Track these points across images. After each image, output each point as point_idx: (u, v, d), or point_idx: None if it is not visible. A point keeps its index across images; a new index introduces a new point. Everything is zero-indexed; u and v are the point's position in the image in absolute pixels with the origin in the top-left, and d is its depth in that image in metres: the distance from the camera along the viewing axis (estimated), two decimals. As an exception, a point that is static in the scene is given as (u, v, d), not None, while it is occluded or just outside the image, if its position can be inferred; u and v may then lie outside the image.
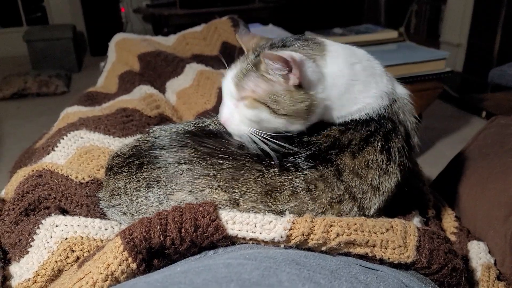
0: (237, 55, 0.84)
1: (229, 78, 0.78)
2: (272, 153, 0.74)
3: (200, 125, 0.83)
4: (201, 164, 0.75)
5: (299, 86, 0.73)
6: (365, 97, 0.79)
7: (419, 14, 4.30)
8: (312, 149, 0.76)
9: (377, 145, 0.77)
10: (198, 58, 1.71)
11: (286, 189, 0.73)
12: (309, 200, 0.73)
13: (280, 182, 0.73)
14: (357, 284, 0.58)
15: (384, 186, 0.77)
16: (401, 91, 0.85)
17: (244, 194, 0.73)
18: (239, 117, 0.77)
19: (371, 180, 0.76)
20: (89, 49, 4.93)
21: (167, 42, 1.91)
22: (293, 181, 0.73)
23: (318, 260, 0.62)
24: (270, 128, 0.76)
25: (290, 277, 0.53)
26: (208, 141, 0.78)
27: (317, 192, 0.74)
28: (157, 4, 4.45)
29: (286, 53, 0.70)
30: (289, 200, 0.73)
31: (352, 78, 0.78)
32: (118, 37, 1.85)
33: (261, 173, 0.74)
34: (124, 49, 1.75)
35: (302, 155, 0.75)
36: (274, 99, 0.73)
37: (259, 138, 0.75)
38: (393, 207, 0.82)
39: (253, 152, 0.76)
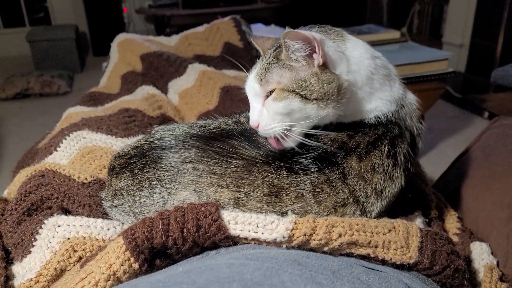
0: (255, 59, 0.83)
1: (251, 78, 0.77)
2: (311, 142, 0.74)
3: (207, 127, 0.83)
4: (208, 162, 0.75)
5: (324, 67, 0.73)
6: (378, 98, 0.79)
7: (422, 14, 4.29)
8: (319, 151, 0.76)
9: (384, 150, 0.77)
10: (200, 59, 1.72)
11: (292, 190, 0.73)
12: (314, 203, 0.73)
13: (287, 184, 0.73)
14: (359, 284, 0.58)
15: (387, 191, 0.77)
16: (410, 96, 0.85)
17: (249, 193, 0.73)
18: (268, 114, 0.75)
19: (376, 184, 0.76)
20: (92, 49, 4.94)
21: (170, 43, 1.91)
22: (300, 184, 0.73)
23: (320, 261, 0.62)
24: (302, 119, 0.74)
25: (292, 278, 0.53)
26: (215, 142, 0.77)
27: (322, 195, 0.74)
28: (160, 4, 4.45)
29: (307, 32, 0.70)
30: (295, 202, 0.73)
31: (372, 71, 0.77)
32: (120, 37, 1.85)
33: (269, 174, 0.74)
34: (126, 49, 1.76)
35: (309, 155, 0.75)
36: (302, 84, 0.72)
37: (291, 134, 0.74)
38: (395, 208, 0.82)
39: (262, 153, 0.76)
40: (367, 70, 0.77)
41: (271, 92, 0.74)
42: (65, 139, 1.05)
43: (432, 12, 4.17)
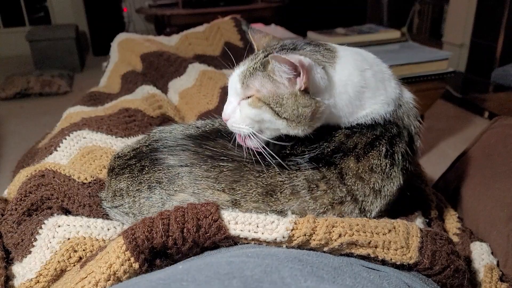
0: (245, 56, 0.83)
1: (236, 75, 0.78)
2: (267, 155, 0.74)
3: (202, 128, 0.83)
4: (202, 166, 0.75)
5: (305, 91, 0.73)
6: (373, 103, 0.79)
7: (422, 14, 4.29)
8: (316, 152, 0.76)
9: (382, 150, 0.77)
10: (201, 58, 1.72)
11: (286, 187, 0.73)
12: (310, 199, 0.73)
13: (281, 181, 0.73)
14: (361, 279, 0.58)
15: (386, 190, 0.77)
16: (407, 95, 0.85)
17: (245, 195, 0.73)
18: (240, 115, 0.76)
19: (374, 184, 0.76)
20: (92, 49, 4.93)
21: (170, 42, 1.91)
22: (294, 180, 0.73)
23: (320, 258, 0.62)
24: (271, 129, 0.76)
25: (292, 273, 0.53)
26: (208, 143, 0.78)
27: (318, 192, 0.74)
28: (160, 4, 4.45)
29: (294, 57, 0.69)
30: (290, 199, 0.73)
31: (362, 85, 0.77)
32: (120, 37, 1.85)
33: (261, 174, 0.74)
34: (126, 49, 1.75)
35: (305, 156, 0.75)
36: (278, 101, 0.73)
37: (257, 140, 0.74)
38: (395, 208, 0.82)
39: (253, 153, 0.75)
40: (356, 87, 0.77)
41: (249, 96, 0.75)
42: (65, 139, 1.05)
43: (432, 12, 4.16)
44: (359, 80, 0.77)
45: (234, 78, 0.78)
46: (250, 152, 0.75)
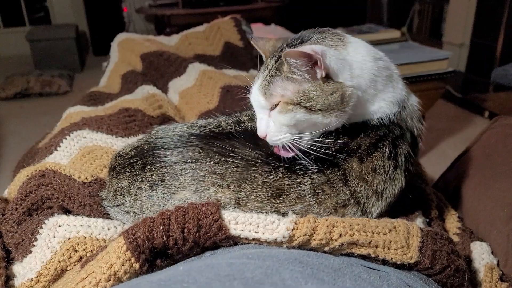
0: (255, 59, 0.82)
1: (255, 90, 0.77)
2: (319, 153, 0.73)
3: (208, 126, 0.83)
4: (208, 162, 0.75)
5: (327, 78, 0.72)
6: (381, 99, 0.78)
7: (422, 14, 4.29)
8: (320, 152, 0.76)
9: (385, 151, 0.77)
10: (201, 58, 1.72)
11: (293, 191, 0.73)
12: (314, 203, 0.73)
13: (288, 184, 0.73)
14: (361, 281, 0.58)
15: (388, 192, 0.77)
16: (413, 98, 0.85)
17: (250, 194, 0.73)
18: (274, 126, 0.74)
19: (376, 186, 0.76)
20: (92, 48, 4.93)
21: (170, 42, 1.91)
22: (301, 184, 0.73)
23: (321, 259, 0.62)
24: (309, 127, 0.74)
25: (293, 275, 0.53)
26: (215, 142, 0.77)
27: (323, 196, 0.74)
28: (160, 4, 4.45)
29: (306, 47, 0.69)
30: (295, 202, 0.73)
31: (374, 73, 0.76)
32: (120, 37, 1.85)
33: (269, 175, 0.74)
34: (126, 49, 1.75)
35: (310, 157, 0.75)
36: (305, 96, 0.71)
37: (300, 143, 0.74)
38: (396, 208, 0.82)
39: (262, 153, 0.75)
40: (370, 73, 0.76)
41: (276, 104, 0.74)
42: (66, 138, 1.05)
43: (432, 12, 4.16)
44: (372, 66, 0.76)
45: (255, 93, 0.77)
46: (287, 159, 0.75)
